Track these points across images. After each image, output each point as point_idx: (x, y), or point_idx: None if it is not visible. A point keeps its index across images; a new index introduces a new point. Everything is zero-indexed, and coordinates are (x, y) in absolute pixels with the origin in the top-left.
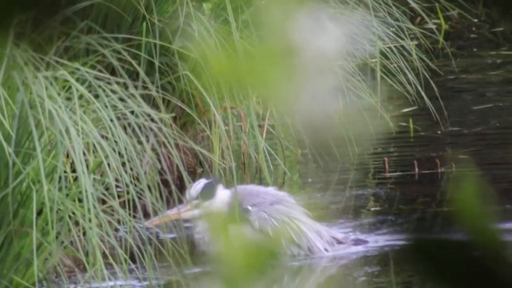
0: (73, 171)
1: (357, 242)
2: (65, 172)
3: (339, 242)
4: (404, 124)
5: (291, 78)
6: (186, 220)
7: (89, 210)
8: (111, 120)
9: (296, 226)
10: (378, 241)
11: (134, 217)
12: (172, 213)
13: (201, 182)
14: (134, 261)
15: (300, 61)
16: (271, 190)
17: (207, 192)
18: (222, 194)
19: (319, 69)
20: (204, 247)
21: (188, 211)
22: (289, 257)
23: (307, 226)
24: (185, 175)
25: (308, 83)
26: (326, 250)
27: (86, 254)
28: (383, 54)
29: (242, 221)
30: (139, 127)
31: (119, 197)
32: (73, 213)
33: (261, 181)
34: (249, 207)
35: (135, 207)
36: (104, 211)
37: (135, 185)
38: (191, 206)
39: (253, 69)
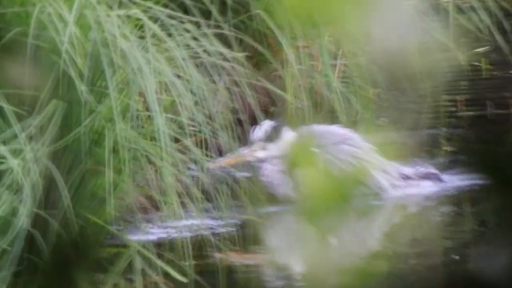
0: (146, 110)
1: (428, 176)
2: (138, 110)
3: (408, 177)
4: (477, 63)
5: (366, 12)
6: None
7: (162, 149)
8: (184, 59)
9: (362, 166)
10: (452, 180)
11: (208, 156)
12: (237, 155)
13: (266, 124)
14: (209, 200)
15: None
16: (335, 129)
17: (273, 134)
18: (288, 136)
19: (394, 4)
20: (272, 189)
21: (253, 153)
22: (359, 197)
23: (372, 165)
24: (258, 114)
25: (383, 18)
26: (394, 186)
27: (161, 193)
28: None
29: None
30: (212, 66)
31: (192, 136)
32: (147, 152)
33: (334, 120)
34: (314, 149)
35: (208, 146)
36: (178, 150)
37: (209, 124)
38: (257, 148)
39: (328, 4)
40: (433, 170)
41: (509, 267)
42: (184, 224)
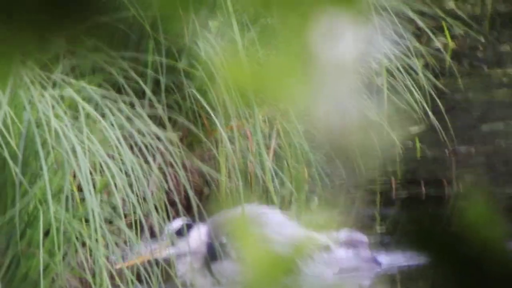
0: (80, 191)
1: (351, 242)
2: (72, 192)
3: (329, 249)
4: (411, 143)
5: (300, 91)
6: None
7: (96, 230)
8: (118, 140)
9: (272, 249)
10: (386, 260)
11: (141, 237)
12: (147, 252)
13: (178, 221)
14: (140, 282)
15: (311, 72)
16: (249, 208)
17: (183, 231)
18: (198, 233)
19: (329, 82)
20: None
21: (163, 250)
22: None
23: (283, 246)
24: (191, 195)
25: (317, 98)
26: (313, 260)
27: (93, 275)
28: (389, 72)
29: (223, 256)
30: (146, 147)
31: (126, 217)
32: (80, 233)
33: (268, 201)
34: (223, 240)
35: (142, 227)
36: (111, 232)
37: (142, 206)
38: (166, 244)
39: (263, 81)
40: (358, 235)
41: None
42: None
